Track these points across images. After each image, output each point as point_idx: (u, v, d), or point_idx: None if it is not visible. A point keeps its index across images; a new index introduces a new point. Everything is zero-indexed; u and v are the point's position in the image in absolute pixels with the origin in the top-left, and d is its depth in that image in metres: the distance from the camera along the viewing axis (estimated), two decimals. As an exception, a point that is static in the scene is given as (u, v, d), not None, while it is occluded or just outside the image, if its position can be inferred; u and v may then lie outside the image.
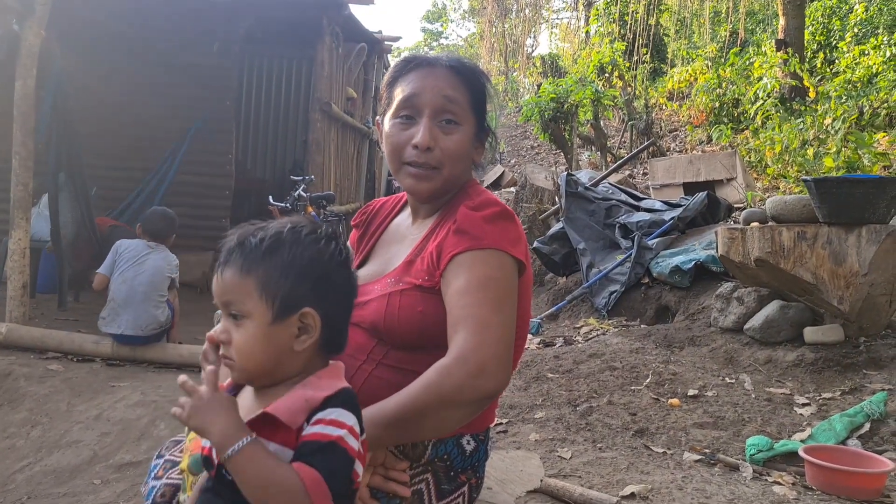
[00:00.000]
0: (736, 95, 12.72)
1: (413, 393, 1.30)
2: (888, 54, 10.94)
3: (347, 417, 1.11)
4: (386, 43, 11.27)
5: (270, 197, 6.97)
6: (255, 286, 1.15)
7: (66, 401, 4.15)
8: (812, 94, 10.93)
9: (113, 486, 3.30)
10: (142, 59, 8.11)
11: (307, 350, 1.18)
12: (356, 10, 8.83)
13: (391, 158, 1.55)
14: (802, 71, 11.11)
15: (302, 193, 6.75)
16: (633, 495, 2.52)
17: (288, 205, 6.73)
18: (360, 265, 1.69)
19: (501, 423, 3.33)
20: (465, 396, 1.29)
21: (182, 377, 1.13)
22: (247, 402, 1.22)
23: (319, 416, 1.10)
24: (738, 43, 14.89)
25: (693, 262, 5.28)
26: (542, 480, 2.57)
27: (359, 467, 1.13)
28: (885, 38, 11.49)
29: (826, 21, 13.61)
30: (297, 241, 1.19)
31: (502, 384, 1.33)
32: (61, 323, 5.65)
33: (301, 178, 7.13)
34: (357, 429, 1.12)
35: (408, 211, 1.69)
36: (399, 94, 1.54)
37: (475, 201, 1.47)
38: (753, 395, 3.51)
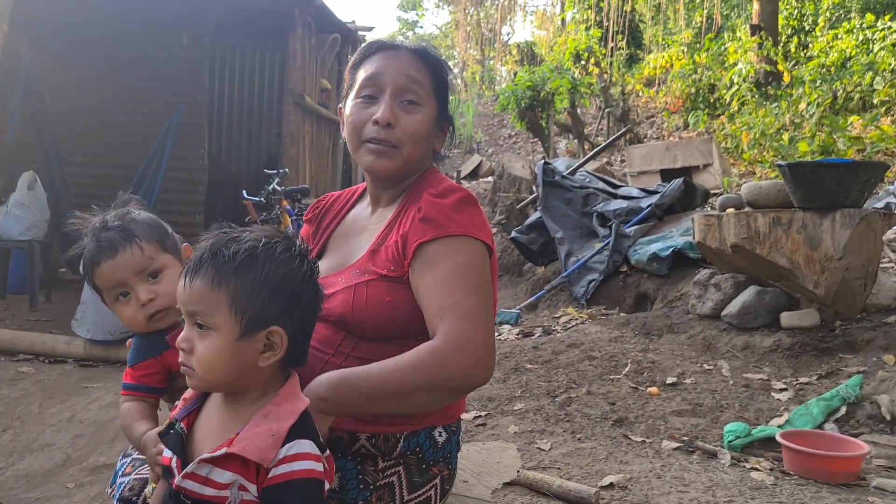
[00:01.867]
0: (712, 81, 12.78)
1: (400, 372, 1.30)
2: (861, 38, 11.03)
3: (305, 446, 1.13)
4: (360, 33, 11.17)
5: (244, 191, 6.88)
6: (226, 300, 1.13)
7: (38, 403, 4.07)
8: (787, 79, 11.00)
9: (87, 490, 3.25)
10: (111, 56, 7.95)
11: (270, 366, 1.18)
12: (328, -1, 8.75)
13: (351, 138, 1.54)
14: (777, 55, 11.17)
15: (276, 187, 6.66)
16: (611, 485, 2.50)
17: (262, 199, 6.65)
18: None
19: (480, 416, 3.31)
20: (456, 384, 1.31)
21: None
22: (214, 418, 1.21)
23: (282, 453, 1.11)
24: (714, 28, 14.94)
25: (671, 249, 5.28)
26: (518, 471, 2.55)
27: (327, 482, 1.16)
28: (857, 22, 11.57)
29: (800, 5, 13.69)
30: (271, 258, 1.17)
31: (490, 374, 1.35)
32: (32, 323, 5.56)
33: (275, 171, 7.04)
34: (316, 449, 1.14)
35: (365, 202, 1.68)
36: (362, 75, 1.54)
37: (438, 189, 1.46)
38: (731, 382, 3.51)
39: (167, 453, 1.20)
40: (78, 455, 3.54)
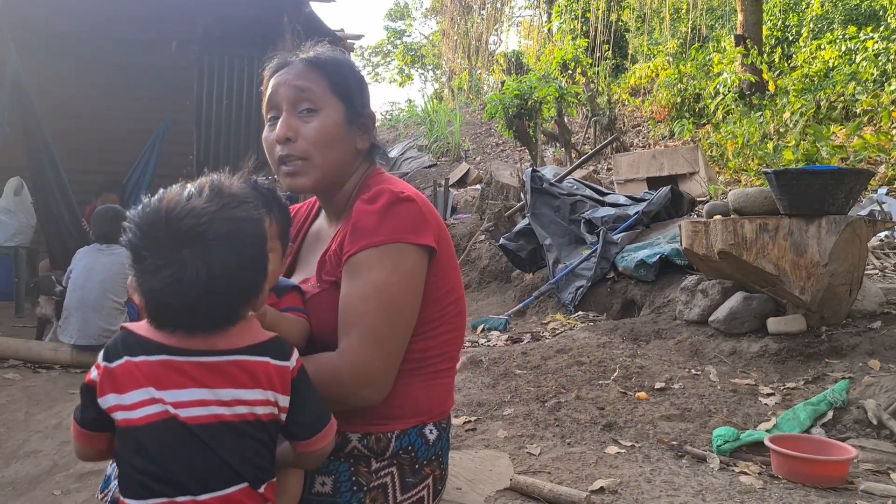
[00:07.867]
0: (697, 90, 12.89)
1: None
2: (843, 49, 11.17)
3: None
4: (348, 41, 11.18)
5: (233, 198, 6.85)
6: None
7: (24, 410, 4.04)
8: (771, 89, 11.10)
9: (74, 496, 3.22)
10: (99, 62, 7.95)
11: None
12: (317, 7, 8.76)
13: (271, 164, 1.54)
14: (761, 65, 11.28)
15: (265, 194, 6.65)
16: (602, 489, 2.51)
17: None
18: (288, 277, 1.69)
19: (470, 421, 3.32)
20: (347, 401, 1.35)
21: None
22: None
23: None
24: (699, 39, 15.08)
25: (658, 256, 5.32)
26: (511, 479, 2.56)
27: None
28: (840, 33, 11.71)
29: (783, 16, 13.85)
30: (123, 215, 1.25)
31: (384, 396, 1.39)
32: (18, 330, 5.52)
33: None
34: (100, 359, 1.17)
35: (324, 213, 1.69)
36: (265, 101, 1.54)
37: (370, 193, 1.44)
38: (719, 387, 3.53)
39: None
40: (65, 462, 3.51)
